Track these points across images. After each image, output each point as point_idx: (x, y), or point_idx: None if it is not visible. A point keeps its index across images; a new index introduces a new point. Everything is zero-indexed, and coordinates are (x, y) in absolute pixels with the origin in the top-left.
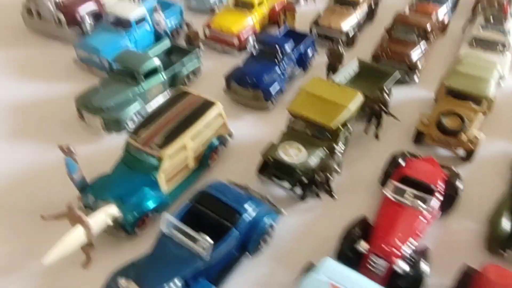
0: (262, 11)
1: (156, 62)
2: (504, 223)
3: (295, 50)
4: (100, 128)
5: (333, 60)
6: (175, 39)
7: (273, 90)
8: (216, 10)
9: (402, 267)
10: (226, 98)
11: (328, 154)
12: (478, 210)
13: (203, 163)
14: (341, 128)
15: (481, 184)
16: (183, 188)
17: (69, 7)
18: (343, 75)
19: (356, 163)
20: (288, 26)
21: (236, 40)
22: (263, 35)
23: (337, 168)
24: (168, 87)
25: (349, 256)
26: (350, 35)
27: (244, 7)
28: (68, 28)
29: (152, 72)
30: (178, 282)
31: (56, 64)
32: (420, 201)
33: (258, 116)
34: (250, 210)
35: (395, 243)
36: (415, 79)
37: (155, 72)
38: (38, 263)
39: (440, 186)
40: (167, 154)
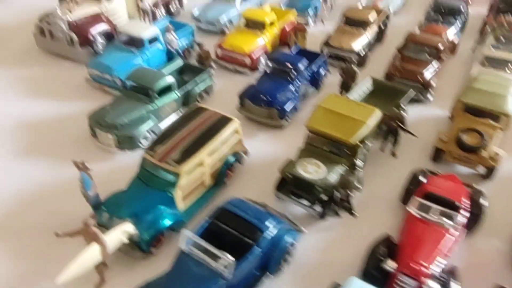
0: (273, 32)
1: (170, 79)
2: None
3: (308, 69)
4: (113, 146)
5: (346, 79)
6: (187, 59)
7: (287, 108)
8: (226, 31)
9: (432, 287)
10: (239, 116)
11: (348, 170)
12: (502, 228)
13: (219, 180)
14: (359, 145)
15: (503, 201)
16: (199, 206)
17: (81, 27)
18: (357, 93)
19: (373, 181)
20: (299, 46)
21: (248, 60)
22: (277, 53)
23: (357, 185)
24: (181, 106)
25: (374, 275)
26: (361, 55)
27: (255, 27)
28: (80, 48)
29: (166, 90)
30: None
31: (68, 83)
32: (446, 218)
33: (272, 134)
34: (272, 227)
35: (423, 262)
36: (429, 97)
37: (169, 89)
38: (51, 283)
39: (465, 203)
40: (185, 170)
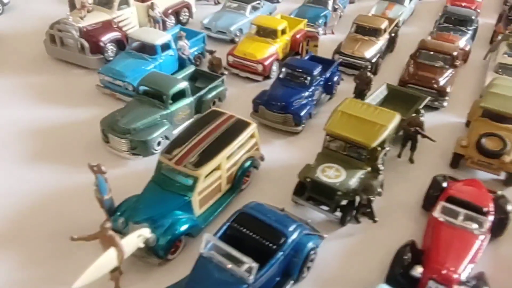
0: (284, 40)
1: (184, 84)
2: None
3: (322, 75)
4: (126, 151)
5: (361, 85)
6: (198, 66)
7: (302, 113)
8: (236, 40)
9: None
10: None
11: (369, 174)
12: None
13: (236, 185)
14: (379, 149)
15: None
16: (215, 211)
17: (92, 34)
18: (372, 99)
19: (392, 187)
20: (311, 52)
21: (260, 67)
22: (291, 59)
23: (379, 189)
24: (194, 112)
25: (401, 282)
26: (373, 63)
27: (266, 35)
28: (90, 55)
29: (180, 95)
30: None
31: (78, 90)
32: (473, 222)
33: (287, 140)
34: (294, 232)
35: (453, 268)
36: (444, 104)
37: (182, 95)
38: None
39: (490, 208)
40: (203, 174)
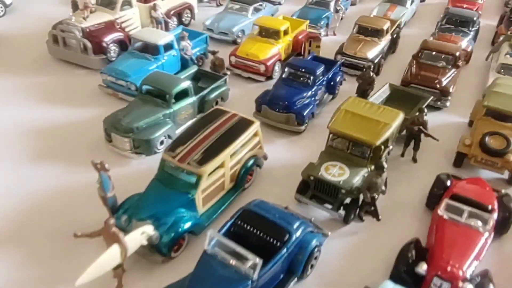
0: (286, 40)
1: (187, 83)
2: None
3: (325, 75)
4: (129, 150)
5: (363, 85)
6: (201, 66)
7: (305, 113)
8: (239, 41)
9: None
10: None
11: (373, 172)
12: None
13: (239, 184)
14: (382, 147)
15: None
16: (218, 209)
17: (95, 35)
18: (375, 99)
19: (395, 186)
20: (314, 53)
21: (262, 67)
22: (294, 59)
23: (383, 188)
24: (197, 112)
25: (405, 279)
26: (375, 64)
27: (269, 36)
28: (93, 55)
29: (183, 94)
30: None
31: (80, 90)
32: (478, 220)
33: (290, 139)
34: (299, 230)
35: (457, 265)
36: (447, 103)
37: (185, 94)
38: (67, 286)
39: (494, 206)
40: (207, 171)
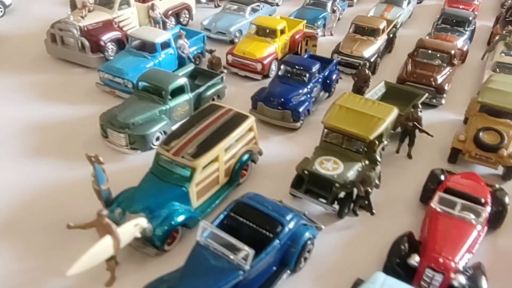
0: (283, 40)
1: (183, 80)
2: None
3: (320, 73)
4: (125, 146)
5: (359, 83)
6: (198, 65)
7: (301, 109)
8: (236, 40)
9: (461, 281)
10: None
11: (367, 166)
12: None
13: (234, 178)
14: (376, 142)
15: None
16: (212, 203)
17: (93, 33)
18: (370, 96)
19: (390, 182)
20: (310, 52)
21: (259, 65)
22: (290, 57)
23: (377, 181)
24: (193, 109)
25: (397, 271)
26: (372, 63)
27: (266, 35)
28: (91, 53)
29: (179, 91)
30: None
31: (78, 88)
32: (470, 212)
33: (285, 136)
34: (292, 222)
35: (450, 256)
36: (442, 101)
37: (181, 91)
38: (58, 280)
39: (487, 199)
40: (201, 165)
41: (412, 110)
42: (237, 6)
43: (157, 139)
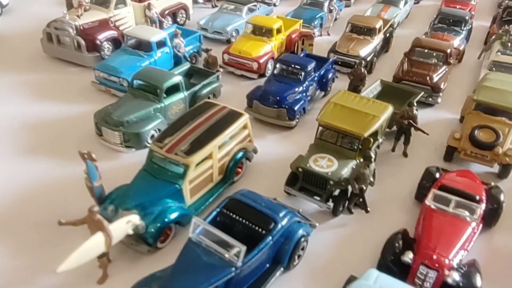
0: (279, 39)
1: (178, 78)
2: None
3: (316, 72)
4: (119, 144)
5: (355, 81)
6: (194, 64)
7: (296, 108)
8: (233, 40)
9: (455, 278)
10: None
11: (362, 163)
12: None
13: (228, 176)
14: (371, 140)
15: None
16: (206, 201)
17: (89, 33)
18: (366, 95)
19: (385, 180)
20: (306, 50)
21: (255, 64)
22: (286, 55)
23: (371, 179)
24: (188, 107)
25: (391, 268)
26: (368, 62)
27: (262, 34)
28: (87, 52)
29: (174, 89)
30: None
31: (74, 87)
32: (465, 209)
33: (281, 135)
34: (285, 218)
35: (444, 253)
36: (438, 100)
37: (176, 89)
38: (50, 277)
39: (482, 196)
40: (194, 162)
41: (407, 108)
42: (234, 6)
43: (151, 137)
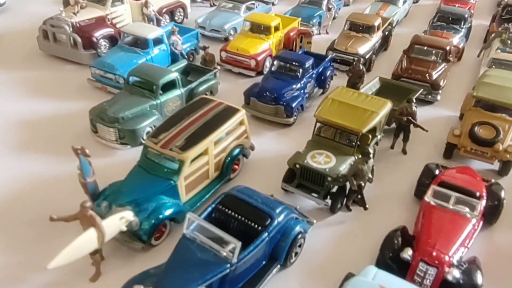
0: (277, 36)
1: (174, 75)
2: None
3: (315, 69)
4: (114, 141)
5: (354, 78)
6: (192, 62)
7: (294, 105)
8: (230, 38)
9: (455, 275)
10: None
11: (360, 159)
12: None
13: (224, 173)
14: (369, 136)
15: None
16: (202, 198)
17: (85, 30)
18: (365, 91)
19: (384, 177)
20: (304, 48)
21: (253, 62)
22: (283, 52)
23: (370, 175)
24: (185, 103)
25: (390, 265)
26: (367, 59)
27: (260, 31)
28: (83, 50)
29: (170, 86)
30: None
31: (70, 84)
32: (465, 206)
33: (278, 132)
34: (281, 215)
35: (444, 250)
36: (437, 97)
37: (173, 86)
38: (42, 274)
39: (482, 192)
40: (190, 157)
41: (406, 104)
42: (232, 4)
43: (147, 134)
